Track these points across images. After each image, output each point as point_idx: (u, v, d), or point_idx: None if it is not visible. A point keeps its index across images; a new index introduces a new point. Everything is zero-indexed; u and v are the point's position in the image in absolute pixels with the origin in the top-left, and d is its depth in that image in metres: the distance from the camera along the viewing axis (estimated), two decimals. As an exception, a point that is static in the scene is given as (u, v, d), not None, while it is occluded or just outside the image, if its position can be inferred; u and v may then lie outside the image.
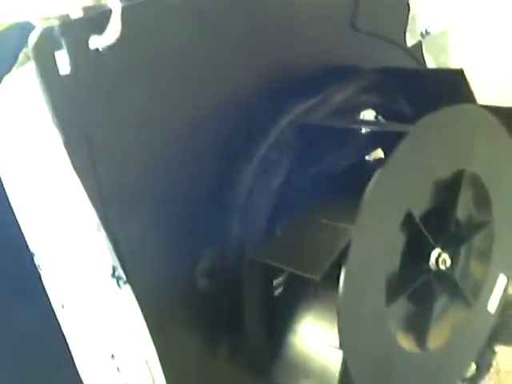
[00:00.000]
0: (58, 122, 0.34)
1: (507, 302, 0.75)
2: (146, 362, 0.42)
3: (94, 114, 0.35)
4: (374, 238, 0.40)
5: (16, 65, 0.52)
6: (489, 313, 0.55)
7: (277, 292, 0.47)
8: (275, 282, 0.48)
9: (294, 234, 0.41)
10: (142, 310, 0.40)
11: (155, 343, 0.41)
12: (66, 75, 0.34)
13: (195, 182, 0.42)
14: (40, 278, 0.52)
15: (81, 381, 0.50)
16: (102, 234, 0.37)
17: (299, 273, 0.37)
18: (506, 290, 0.56)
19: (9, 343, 0.68)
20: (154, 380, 0.42)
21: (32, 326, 0.68)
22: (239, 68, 0.44)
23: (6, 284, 0.66)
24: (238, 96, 0.44)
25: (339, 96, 0.49)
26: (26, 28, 0.60)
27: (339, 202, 0.42)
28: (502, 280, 0.55)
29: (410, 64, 0.59)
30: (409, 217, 0.43)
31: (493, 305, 0.55)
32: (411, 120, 0.42)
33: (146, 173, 0.39)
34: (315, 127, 0.45)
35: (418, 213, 0.44)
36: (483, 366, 0.86)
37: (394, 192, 0.41)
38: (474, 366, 0.85)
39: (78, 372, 0.50)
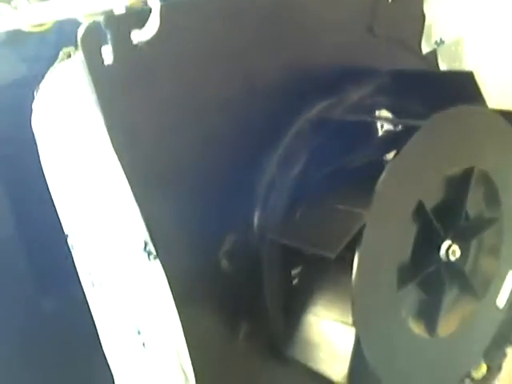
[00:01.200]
0: (100, 106, 0.38)
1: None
2: (171, 337, 0.45)
3: (131, 100, 0.39)
4: (386, 224, 0.43)
5: (56, 62, 0.56)
6: (497, 308, 0.57)
7: (294, 281, 0.50)
8: (293, 272, 0.51)
9: (311, 218, 0.44)
10: (169, 286, 0.43)
11: (180, 318, 0.44)
12: (109, 65, 0.38)
13: (221, 169, 0.45)
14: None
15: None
16: (136, 210, 0.40)
17: (315, 251, 0.40)
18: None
19: (32, 333, 0.71)
20: (178, 354, 0.45)
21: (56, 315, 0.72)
22: (263, 64, 0.48)
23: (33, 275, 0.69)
24: (263, 91, 0.47)
25: (355, 95, 0.52)
26: (65, 28, 0.65)
27: (355, 191, 0.45)
28: (511, 277, 0.57)
29: (425, 70, 0.62)
30: (420, 207, 0.45)
31: (501, 300, 0.57)
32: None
33: (177, 156, 0.42)
34: (333, 121, 0.48)
35: (429, 204, 0.46)
36: (494, 368, 0.87)
37: (407, 182, 0.44)
38: (484, 368, 0.87)
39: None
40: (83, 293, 0.51)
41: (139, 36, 0.39)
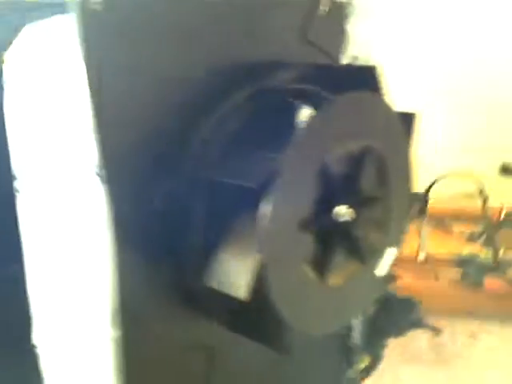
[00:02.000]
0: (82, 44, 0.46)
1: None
2: (105, 265, 0.51)
3: (105, 48, 0.48)
4: (296, 171, 0.52)
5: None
6: (376, 276, 0.67)
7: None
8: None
9: (238, 162, 0.54)
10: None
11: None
12: (96, 10, 0.46)
13: (169, 122, 0.54)
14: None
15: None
16: (97, 138, 0.48)
17: (238, 183, 0.50)
18: (393, 261, 0.70)
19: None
20: (109, 286, 0.52)
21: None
22: (208, 52, 0.58)
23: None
24: (208, 72, 0.57)
25: (280, 81, 0.63)
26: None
27: (274, 142, 0.54)
28: (391, 252, 0.69)
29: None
30: (324, 169, 0.56)
31: (381, 271, 0.68)
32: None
33: (138, 106, 0.51)
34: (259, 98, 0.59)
35: (332, 170, 0.57)
36: (376, 358, 0.99)
37: (315, 143, 0.54)
38: (367, 360, 0.99)
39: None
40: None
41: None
